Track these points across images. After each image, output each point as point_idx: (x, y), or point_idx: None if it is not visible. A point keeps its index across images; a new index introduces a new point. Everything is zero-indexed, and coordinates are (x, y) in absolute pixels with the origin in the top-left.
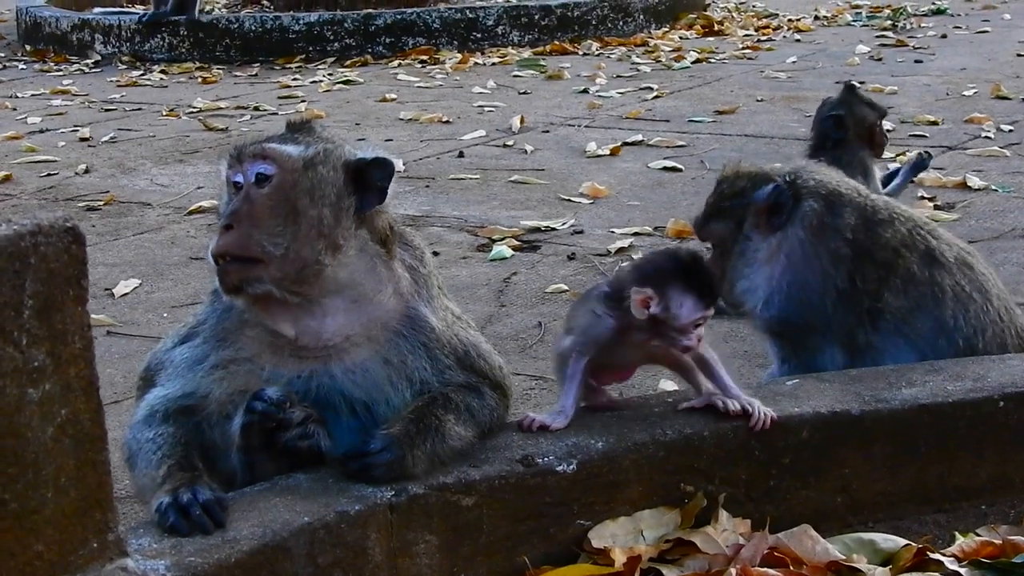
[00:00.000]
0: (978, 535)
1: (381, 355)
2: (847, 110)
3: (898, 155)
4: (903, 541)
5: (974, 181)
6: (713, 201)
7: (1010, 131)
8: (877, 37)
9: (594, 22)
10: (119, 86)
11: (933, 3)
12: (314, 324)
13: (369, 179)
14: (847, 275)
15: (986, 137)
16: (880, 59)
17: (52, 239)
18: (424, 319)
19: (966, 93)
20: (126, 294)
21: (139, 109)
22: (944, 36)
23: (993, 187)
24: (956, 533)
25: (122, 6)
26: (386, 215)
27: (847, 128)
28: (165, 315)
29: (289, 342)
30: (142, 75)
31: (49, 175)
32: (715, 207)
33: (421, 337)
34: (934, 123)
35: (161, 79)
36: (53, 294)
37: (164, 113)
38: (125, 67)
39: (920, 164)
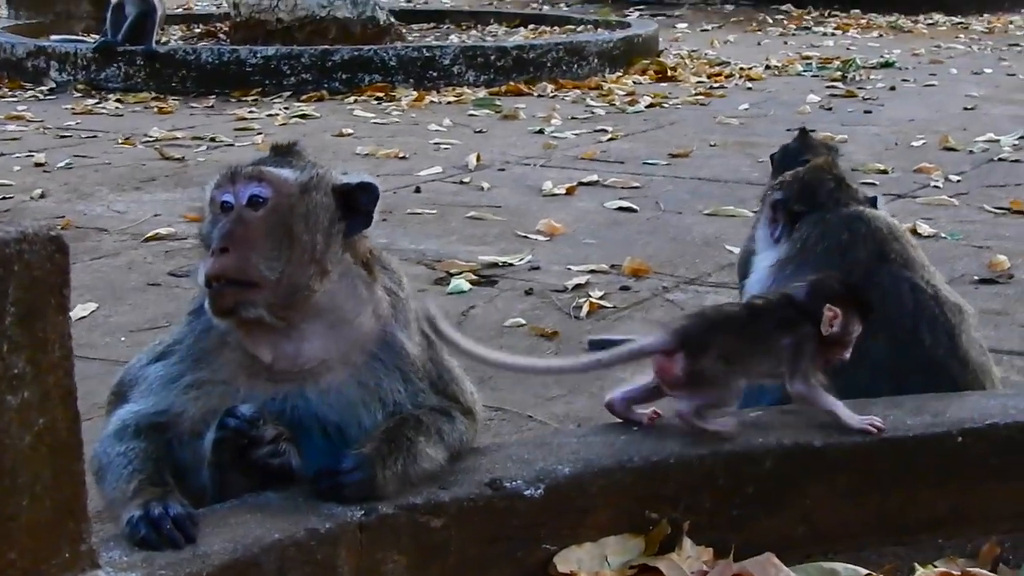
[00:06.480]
0: (936, 567)
1: (356, 378)
2: (812, 155)
3: None
4: (864, 571)
5: (924, 228)
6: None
7: (958, 181)
8: (827, 88)
9: (549, 64)
10: (74, 113)
11: (882, 56)
12: (291, 349)
13: (356, 203)
14: None
15: (935, 186)
16: (830, 108)
17: (36, 247)
18: (400, 343)
19: (915, 143)
20: (83, 317)
21: (95, 136)
22: (893, 88)
23: (943, 234)
24: (916, 564)
25: (78, 35)
26: (367, 239)
27: None
28: (123, 339)
29: (265, 366)
30: (97, 103)
31: (4, 198)
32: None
33: (396, 360)
34: (884, 171)
35: (117, 108)
36: (36, 302)
37: (120, 141)
38: (80, 95)
39: None
